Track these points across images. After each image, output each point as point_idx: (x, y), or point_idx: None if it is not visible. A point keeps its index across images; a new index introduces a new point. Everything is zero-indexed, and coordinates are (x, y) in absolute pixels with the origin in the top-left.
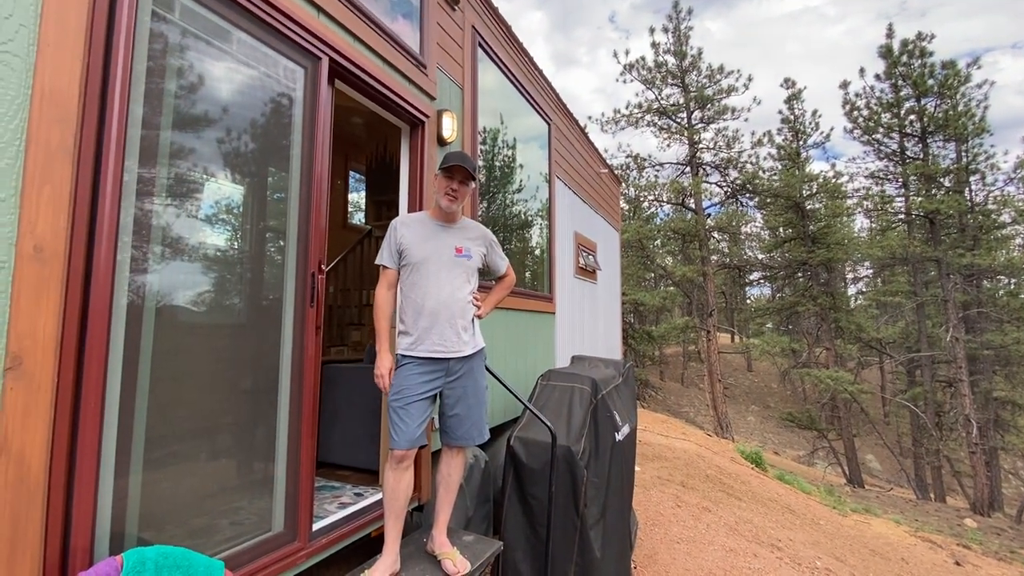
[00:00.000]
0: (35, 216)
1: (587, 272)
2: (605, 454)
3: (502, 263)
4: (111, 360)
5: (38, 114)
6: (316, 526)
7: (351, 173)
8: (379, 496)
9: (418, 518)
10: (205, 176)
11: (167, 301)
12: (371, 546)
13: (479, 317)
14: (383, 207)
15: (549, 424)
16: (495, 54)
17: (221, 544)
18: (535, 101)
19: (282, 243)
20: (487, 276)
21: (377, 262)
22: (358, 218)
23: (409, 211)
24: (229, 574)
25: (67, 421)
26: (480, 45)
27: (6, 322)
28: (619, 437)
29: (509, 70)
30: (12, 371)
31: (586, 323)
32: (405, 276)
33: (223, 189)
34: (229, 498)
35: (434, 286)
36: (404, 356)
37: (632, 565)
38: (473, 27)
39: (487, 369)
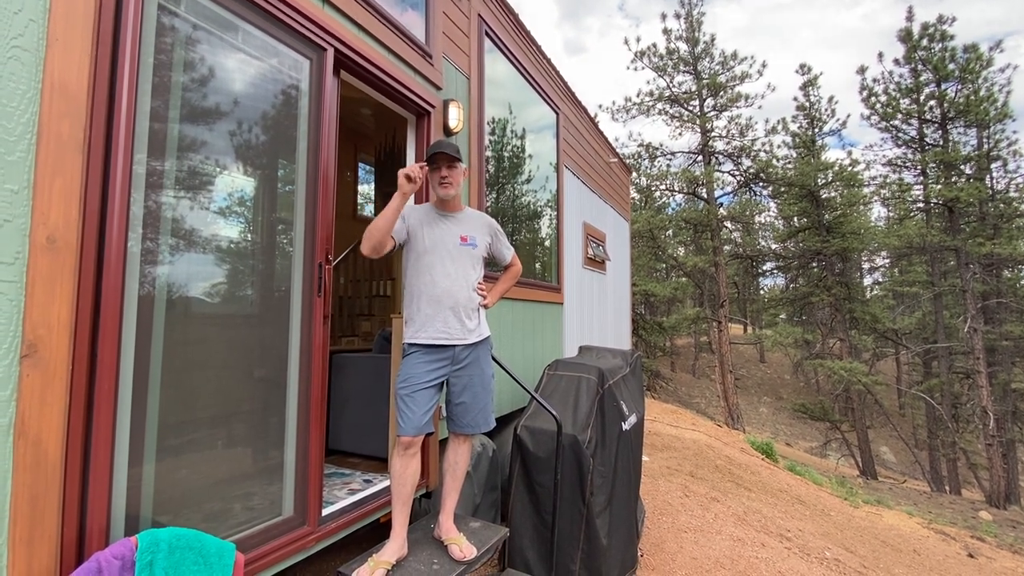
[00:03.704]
0: (47, 207)
1: (596, 262)
2: (612, 443)
3: (507, 252)
4: (123, 347)
5: (48, 107)
6: (325, 511)
7: (360, 165)
8: (388, 483)
9: (426, 505)
10: (212, 167)
11: (177, 290)
12: (380, 532)
13: (485, 307)
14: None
15: (554, 413)
16: (502, 43)
17: (232, 528)
18: (543, 90)
19: (289, 234)
20: (493, 267)
21: None
22: (368, 210)
23: (415, 202)
24: (240, 556)
25: (82, 406)
26: (487, 34)
27: (21, 311)
28: (626, 427)
29: (516, 59)
30: (28, 358)
31: (595, 313)
32: (410, 263)
33: (230, 180)
34: (240, 483)
35: (439, 274)
36: (409, 344)
37: (639, 553)
38: (479, 16)
39: (494, 359)
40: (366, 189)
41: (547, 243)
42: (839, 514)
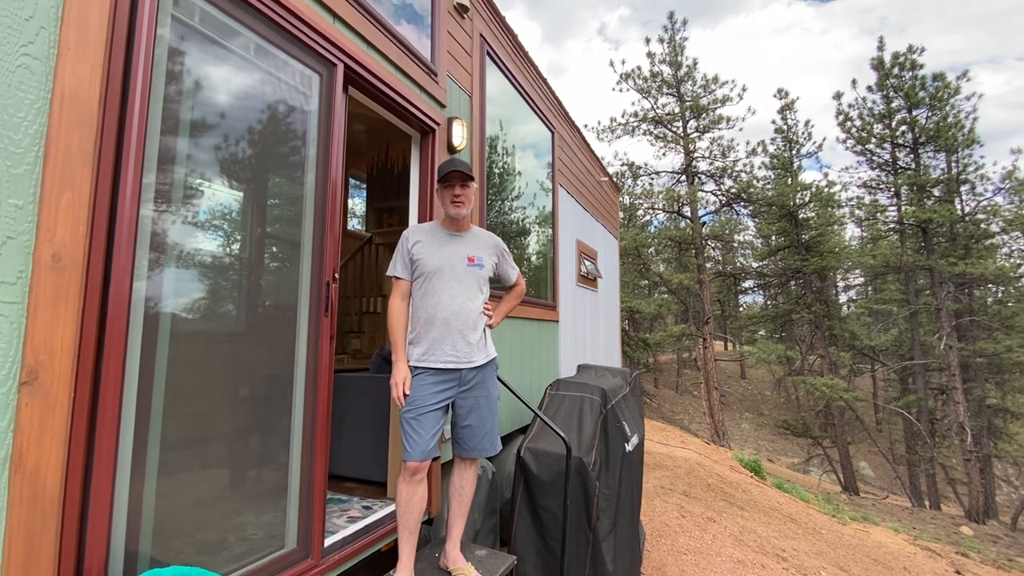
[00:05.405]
0: (54, 223)
1: (588, 280)
2: (615, 465)
3: (513, 272)
4: (128, 373)
5: (57, 118)
6: (327, 542)
7: (348, 180)
8: (388, 509)
9: (426, 531)
10: (222, 183)
11: (183, 311)
12: (381, 562)
13: (490, 327)
14: (384, 214)
15: (563, 436)
16: (502, 62)
17: (235, 562)
18: (539, 109)
19: (297, 252)
20: (495, 284)
21: (389, 273)
22: (352, 224)
23: (419, 220)
24: None
25: (83, 437)
26: (488, 53)
27: (22, 335)
28: (629, 448)
29: (515, 78)
30: (28, 386)
31: (588, 331)
32: (417, 286)
33: (239, 196)
34: (243, 515)
35: (446, 296)
36: (416, 367)
37: None
38: (481, 35)
39: (500, 380)
40: (353, 204)
41: (543, 260)
42: (829, 532)
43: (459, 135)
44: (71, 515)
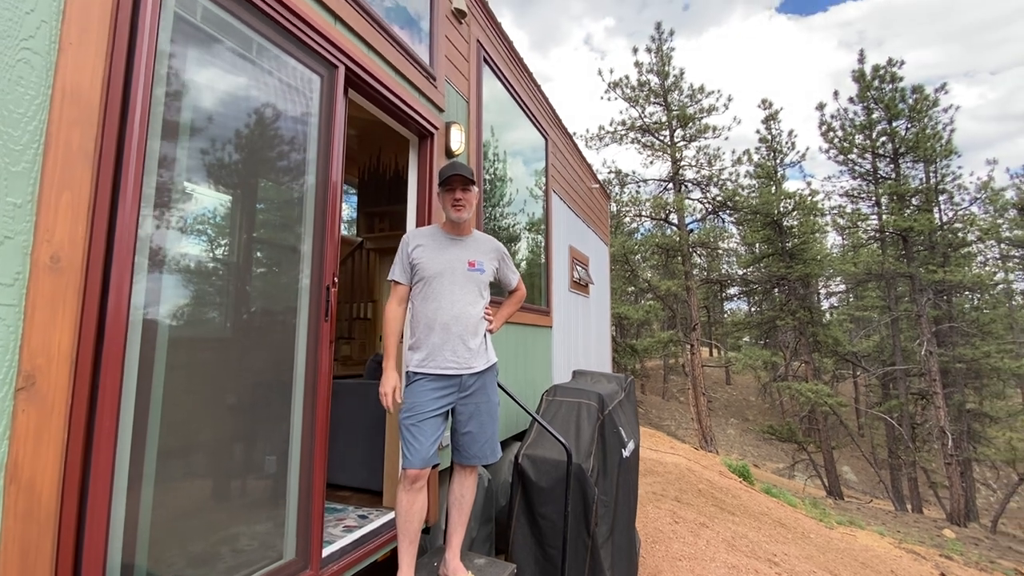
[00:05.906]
0: (53, 223)
1: (580, 286)
2: (613, 471)
3: (514, 277)
4: (126, 379)
5: (58, 115)
6: (325, 552)
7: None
8: (384, 519)
9: (423, 540)
10: (222, 185)
11: (181, 316)
12: (379, 572)
13: (490, 332)
14: (375, 219)
15: (565, 443)
16: (498, 68)
17: (232, 573)
18: (534, 116)
19: (297, 255)
20: (494, 289)
21: (389, 278)
22: (341, 229)
23: (418, 224)
24: None
25: (80, 445)
26: (484, 59)
27: (19, 338)
28: (625, 454)
29: (510, 84)
30: (24, 391)
31: (579, 337)
32: (418, 290)
33: (239, 198)
34: (242, 525)
35: (447, 301)
36: (415, 373)
37: None
38: (478, 41)
39: (500, 387)
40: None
41: (535, 266)
42: (818, 536)
43: (457, 140)
44: (67, 527)
